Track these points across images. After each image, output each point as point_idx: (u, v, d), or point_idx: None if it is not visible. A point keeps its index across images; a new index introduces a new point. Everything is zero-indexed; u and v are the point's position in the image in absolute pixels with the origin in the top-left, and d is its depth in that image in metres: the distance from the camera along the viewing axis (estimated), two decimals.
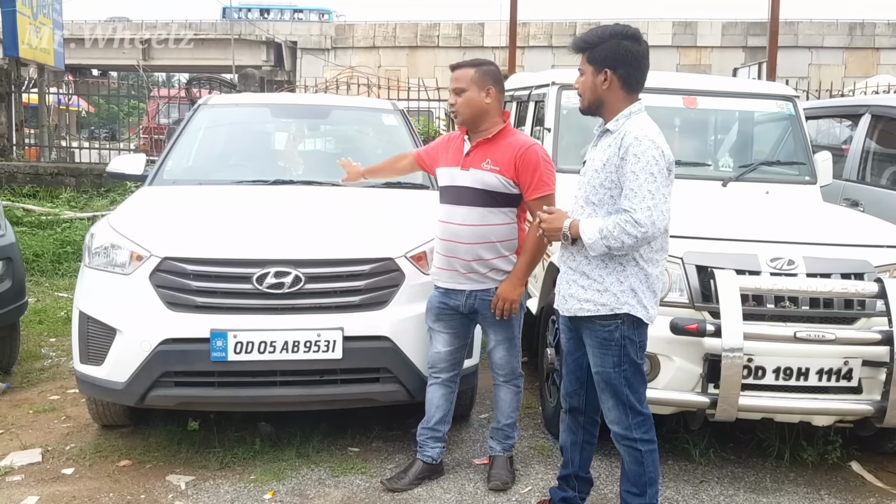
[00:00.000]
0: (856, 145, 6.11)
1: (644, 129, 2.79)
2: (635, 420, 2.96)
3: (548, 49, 34.53)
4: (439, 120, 12.66)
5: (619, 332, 2.88)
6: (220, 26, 38.69)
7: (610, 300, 2.87)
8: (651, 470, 2.98)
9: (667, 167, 2.76)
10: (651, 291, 2.91)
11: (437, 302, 3.57)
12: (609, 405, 2.99)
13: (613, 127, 2.87)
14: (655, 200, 2.71)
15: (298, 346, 3.50)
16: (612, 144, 2.84)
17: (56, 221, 9.29)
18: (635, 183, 2.72)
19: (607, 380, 2.95)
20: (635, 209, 2.70)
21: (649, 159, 2.72)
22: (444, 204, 3.52)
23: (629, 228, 2.70)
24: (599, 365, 2.95)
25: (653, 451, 2.99)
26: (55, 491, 3.52)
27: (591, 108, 2.95)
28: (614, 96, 2.87)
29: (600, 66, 2.86)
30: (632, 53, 2.85)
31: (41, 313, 6.40)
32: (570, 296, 2.98)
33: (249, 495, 3.50)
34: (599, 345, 2.93)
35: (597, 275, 2.89)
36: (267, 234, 3.80)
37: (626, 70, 2.85)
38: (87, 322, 3.67)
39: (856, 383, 3.55)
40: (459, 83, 3.44)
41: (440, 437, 3.70)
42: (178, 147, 5.04)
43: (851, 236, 3.93)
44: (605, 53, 2.85)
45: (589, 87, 2.91)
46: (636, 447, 2.96)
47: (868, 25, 34.65)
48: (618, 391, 2.94)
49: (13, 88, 12.63)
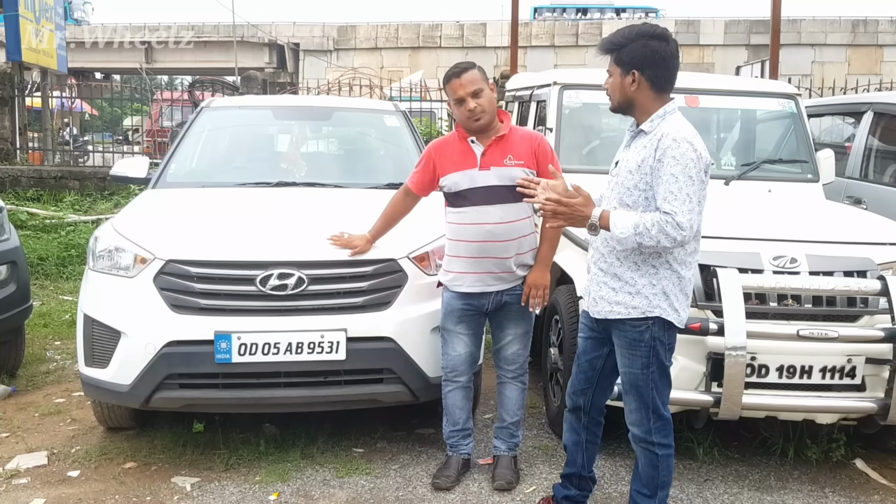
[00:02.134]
0: (858, 143, 6.11)
1: (682, 131, 2.73)
2: (656, 424, 2.94)
3: (550, 49, 34.52)
4: (441, 121, 12.65)
5: (649, 333, 2.85)
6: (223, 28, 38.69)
7: (642, 303, 2.84)
8: (665, 474, 2.98)
9: (704, 169, 2.72)
10: (683, 294, 2.88)
11: (461, 304, 3.55)
12: (632, 407, 2.97)
13: (648, 128, 2.82)
14: (693, 204, 2.67)
15: (302, 347, 3.51)
16: (647, 146, 2.79)
17: (60, 225, 9.32)
18: (675, 185, 2.67)
19: (633, 382, 2.92)
20: (677, 212, 2.65)
21: (688, 162, 2.68)
22: (471, 206, 3.46)
23: (669, 230, 2.65)
24: (627, 366, 2.93)
25: (669, 456, 2.98)
26: (61, 493, 3.54)
27: (620, 107, 2.92)
28: (644, 96, 2.82)
29: (628, 67, 2.81)
30: (660, 54, 2.79)
31: (46, 316, 6.42)
32: (600, 298, 2.94)
33: (254, 496, 3.51)
34: (629, 345, 2.90)
35: (629, 277, 2.85)
36: (270, 235, 3.81)
37: (654, 70, 2.80)
38: (91, 325, 3.68)
39: (859, 381, 3.56)
40: (474, 85, 3.42)
41: (469, 433, 3.76)
42: (181, 150, 5.06)
43: (854, 234, 3.93)
44: (633, 55, 2.80)
45: (618, 88, 2.87)
46: (654, 451, 2.95)
47: (871, 22, 34.57)
48: (643, 393, 2.91)
49: (16, 92, 12.67)
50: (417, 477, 3.73)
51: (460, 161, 3.51)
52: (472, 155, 3.50)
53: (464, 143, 3.53)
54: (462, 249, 3.52)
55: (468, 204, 3.48)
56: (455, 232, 3.54)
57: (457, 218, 3.53)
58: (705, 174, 2.73)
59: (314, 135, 5.99)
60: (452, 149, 3.57)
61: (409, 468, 3.82)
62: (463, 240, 3.51)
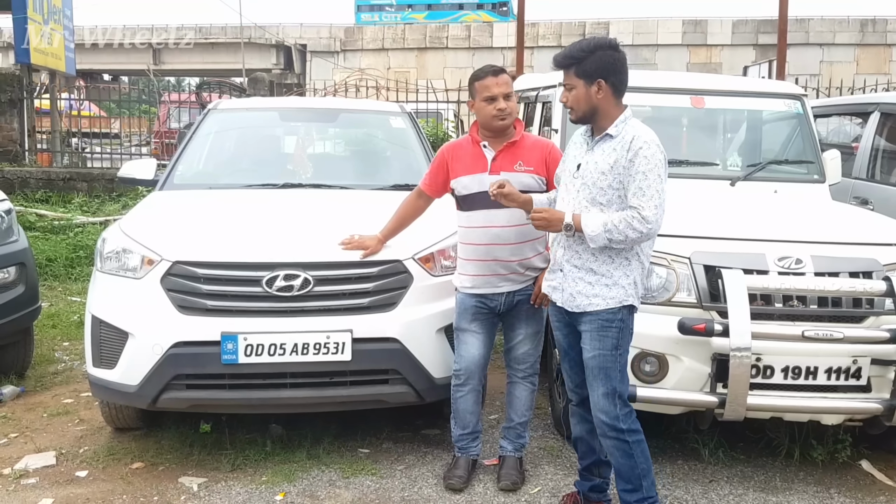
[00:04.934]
0: (865, 143, 6.10)
1: (648, 133, 2.95)
2: (623, 411, 3.04)
3: (557, 49, 34.40)
4: (448, 122, 12.66)
5: (619, 315, 3.02)
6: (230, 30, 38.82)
7: (619, 293, 3.00)
8: (642, 461, 3.05)
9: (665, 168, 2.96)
10: (642, 283, 3.10)
11: (474, 303, 3.58)
12: (599, 392, 3.05)
13: (615, 132, 3.00)
14: (660, 200, 2.89)
15: (308, 348, 3.52)
16: (617, 148, 2.97)
17: (68, 226, 9.36)
18: (645, 182, 2.88)
19: (602, 364, 3.03)
20: (644, 206, 2.86)
21: (657, 161, 2.90)
22: (479, 210, 3.50)
23: (636, 224, 2.86)
24: (598, 349, 3.03)
25: (641, 442, 3.06)
26: (69, 493, 3.56)
27: (585, 117, 3.08)
28: (607, 103, 3.02)
29: (592, 77, 2.99)
30: (618, 62, 3.00)
31: (54, 317, 6.46)
32: (577, 293, 3.06)
33: (261, 497, 3.53)
34: (599, 328, 3.02)
35: (605, 270, 3.01)
36: (276, 237, 3.83)
37: (616, 77, 3.00)
38: (99, 326, 3.71)
39: (865, 382, 3.55)
40: (508, 87, 3.50)
41: (478, 435, 3.78)
42: (188, 151, 5.08)
43: (859, 235, 3.92)
44: (597, 65, 2.99)
45: (582, 98, 3.03)
46: (624, 438, 3.03)
47: (880, 22, 34.46)
48: (610, 375, 3.02)
49: (25, 94, 12.73)
50: (423, 477, 3.74)
51: (471, 164, 3.54)
52: (483, 159, 3.53)
53: (476, 147, 3.57)
54: (470, 252, 3.55)
55: (476, 207, 3.51)
56: (464, 235, 3.58)
57: (466, 221, 3.56)
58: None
59: (320, 136, 6.02)
60: (465, 152, 3.60)
61: (414, 469, 3.83)
62: (471, 242, 3.54)
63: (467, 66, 31.42)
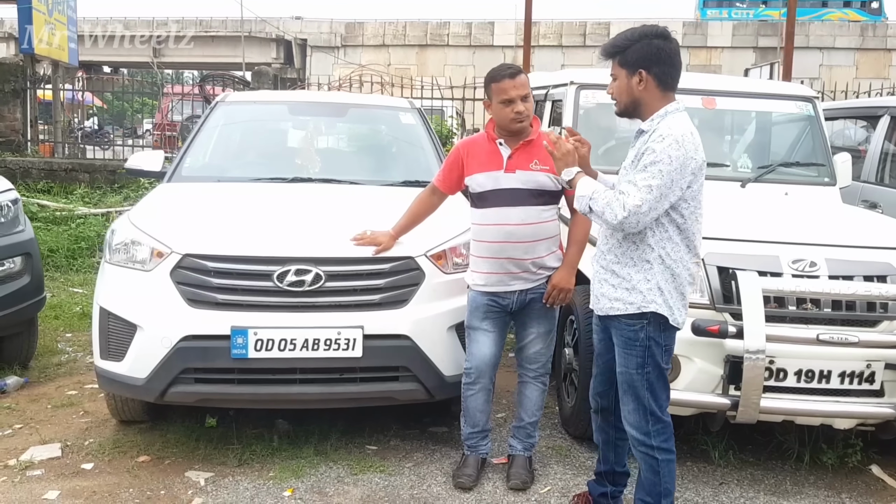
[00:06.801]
0: (874, 147, 6.08)
1: (673, 128, 2.76)
2: (655, 427, 2.93)
3: (557, 48, 34.48)
4: (451, 119, 12.62)
5: (644, 332, 2.87)
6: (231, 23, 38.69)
7: (637, 298, 2.86)
8: (667, 481, 2.96)
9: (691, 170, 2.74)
10: (678, 293, 2.88)
11: (486, 301, 3.55)
12: (630, 408, 2.97)
13: (648, 127, 2.86)
14: (651, 195, 2.70)
15: (318, 343, 3.50)
16: (644, 142, 2.85)
17: (70, 217, 9.31)
18: (641, 175, 2.73)
19: (629, 381, 2.93)
20: (630, 194, 2.71)
21: (664, 157, 2.70)
22: (494, 207, 3.48)
23: (615, 206, 2.73)
24: (624, 365, 2.94)
25: (670, 462, 2.96)
26: (76, 485, 3.53)
27: (627, 110, 2.94)
28: (651, 96, 2.86)
29: (634, 67, 2.84)
30: (665, 52, 2.83)
31: (57, 308, 6.42)
32: (601, 295, 2.98)
33: (269, 492, 3.50)
34: (625, 344, 2.92)
35: (625, 273, 2.89)
36: (287, 231, 3.80)
37: (660, 68, 2.84)
38: (107, 318, 3.68)
39: (878, 386, 3.54)
40: (525, 88, 3.45)
41: (488, 434, 3.77)
42: (196, 144, 5.05)
43: (874, 238, 3.90)
44: (638, 54, 2.83)
45: (624, 90, 2.89)
46: (653, 455, 2.93)
47: (880, 26, 34.50)
48: (639, 394, 2.92)
49: (28, 85, 12.67)
50: (432, 475, 3.72)
51: (487, 162, 3.51)
52: (499, 157, 3.50)
53: (492, 144, 3.54)
54: (483, 250, 3.52)
55: (490, 205, 3.48)
56: (477, 232, 3.55)
57: (479, 218, 3.53)
58: (692, 174, 2.75)
59: (329, 131, 5.98)
60: (480, 149, 3.57)
61: (423, 466, 3.81)
62: (484, 240, 3.51)
63: (468, 64, 31.38)
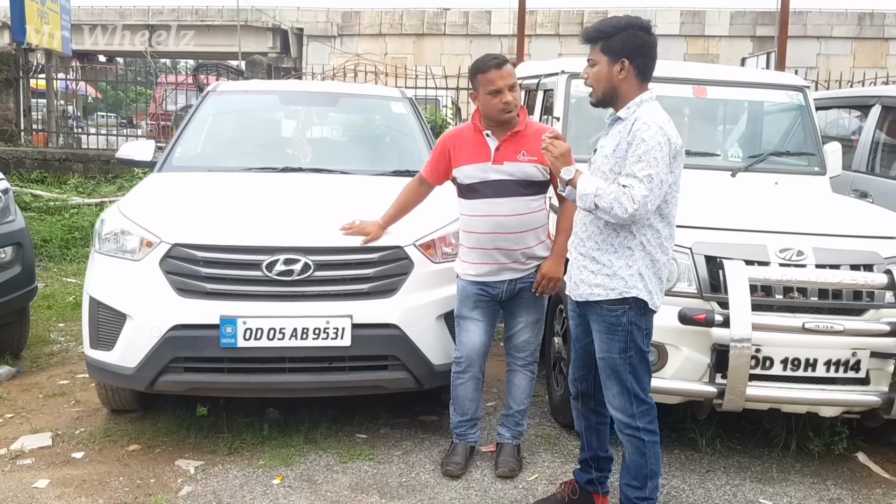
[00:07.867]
0: (865, 136, 6.09)
1: (654, 116, 2.82)
2: (640, 409, 2.97)
3: (555, 37, 34.37)
4: (446, 108, 12.61)
5: (626, 317, 2.90)
6: (227, 12, 38.52)
7: (619, 284, 2.89)
8: (653, 462, 2.99)
9: (672, 154, 2.80)
10: (657, 278, 2.93)
11: (476, 290, 3.57)
12: (613, 392, 3.00)
13: (624, 114, 2.89)
14: (653, 184, 2.75)
15: (307, 332, 3.51)
16: (622, 131, 2.87)
17: (64, 207, 9.32)
18: (638, 165, 2.75)
19: (612, 366, 2.96)
20: (634, 186, 2.74)
21: (654, 144, 2.76)
22: (483, 199, 3.48)
23: (624, 200, 2.74)
24: (605, 350, 2.97)
25: (655, 444, 3.00)
26: (66, 474, 3.55)
27: (604, 98, 2.96)
28: (629, 85, 2.89)
29: (617, 56, 2.87)
30: (648, 45, 2.89)
31: (50, 298, 6.43)
32: (581, 281, 2.99)
33: (258, 480, 3.52)
34: (606, 329, 2.94)
35: (606, 259, 2.91)
36: (276, 221, 3.81)
37: (642, 60, 2.88)
38: (97, 307, 3.69)
39: (864, 374, 3.56)
40: (512, 78, 3.45)
41: (477, 422, 3.78)
42: (186, 133, 5.05)
43: (861, 227, 3.92)
44: (623, 43, 2.86)
45: (604, 77, 2.91)
46: (639, 437, 2.97)
47: (878, 16, 34.39)
48: (622, 377, 2.95)
49: (21, 74, 12.64)
50: (420, 463, 3.74)
51: (474, 153, 3.51)
52: (487, 148, 3.50)
53: (479, 135, 3.53)
54: (473, 241, 3.54)
55: (479, 196, 3.49)
56: (467, 223, 3.56)
57: (469, 210, 3.54)
58: (673, 159, 2.81)
59: (320, 120, 5.98)
60: (467, 140, 3.57)
61: (412, 454, 3.83)
62: (474, 231, 3.52)
63: (465, 54, 31.26)
